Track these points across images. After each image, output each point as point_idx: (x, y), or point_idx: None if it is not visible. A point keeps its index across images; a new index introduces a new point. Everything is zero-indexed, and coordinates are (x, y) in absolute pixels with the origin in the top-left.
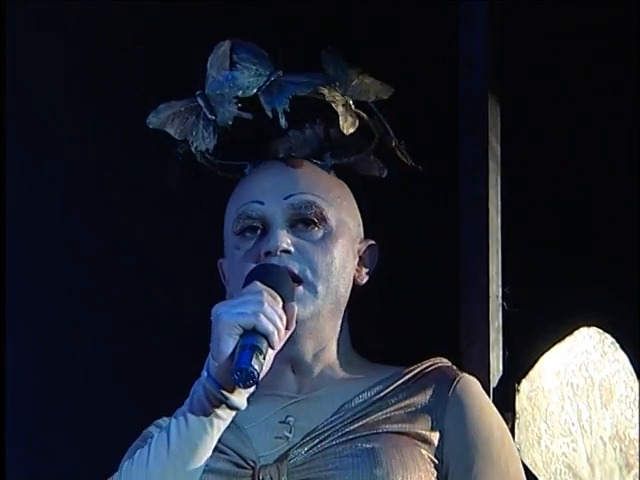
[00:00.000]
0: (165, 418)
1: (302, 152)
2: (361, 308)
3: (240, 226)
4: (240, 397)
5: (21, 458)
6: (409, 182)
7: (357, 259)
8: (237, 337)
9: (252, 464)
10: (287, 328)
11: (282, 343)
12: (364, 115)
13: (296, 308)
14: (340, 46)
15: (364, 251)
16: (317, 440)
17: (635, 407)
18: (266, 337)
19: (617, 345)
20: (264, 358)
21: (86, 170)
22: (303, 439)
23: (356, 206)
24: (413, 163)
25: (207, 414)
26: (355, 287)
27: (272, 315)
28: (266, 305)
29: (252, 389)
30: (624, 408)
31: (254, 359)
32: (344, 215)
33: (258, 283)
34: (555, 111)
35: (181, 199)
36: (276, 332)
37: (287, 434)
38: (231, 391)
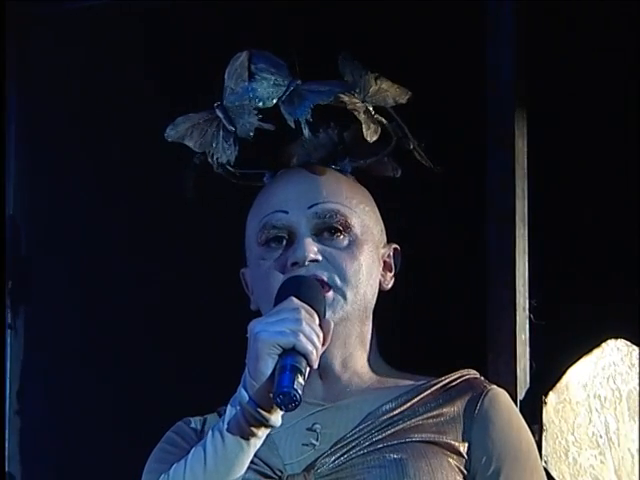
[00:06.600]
0: (190, 418)
1: (317, 156)
2: (387, 319)
3: (265, 236)
4: (277, 415)
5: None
6: (435, 195)
7: (382, 264)
8: (276, 357)
9: (279, 473)
10: (323, 344)
11: (319, 360)
12: (384, 120)
13: (332, 324)
14: (366, 53)
15: (388, 255)
16: (345, 449)
17: None
18: (305, 356)
19: None
20: (304, 379)
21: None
22: (331, 448)
23: (377, 211)
24: (432, 165)
25: (244, 433)
26: (381, 292)
27: (310, 334)
28: (304, 323)
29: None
30: None
31: (296, 381)
32: (367, 221)
33: (294, 299)
34: (584, 122)
35: (201, 208)
36: (315, 351)
37: (314, 441)
38: (269, 410)
